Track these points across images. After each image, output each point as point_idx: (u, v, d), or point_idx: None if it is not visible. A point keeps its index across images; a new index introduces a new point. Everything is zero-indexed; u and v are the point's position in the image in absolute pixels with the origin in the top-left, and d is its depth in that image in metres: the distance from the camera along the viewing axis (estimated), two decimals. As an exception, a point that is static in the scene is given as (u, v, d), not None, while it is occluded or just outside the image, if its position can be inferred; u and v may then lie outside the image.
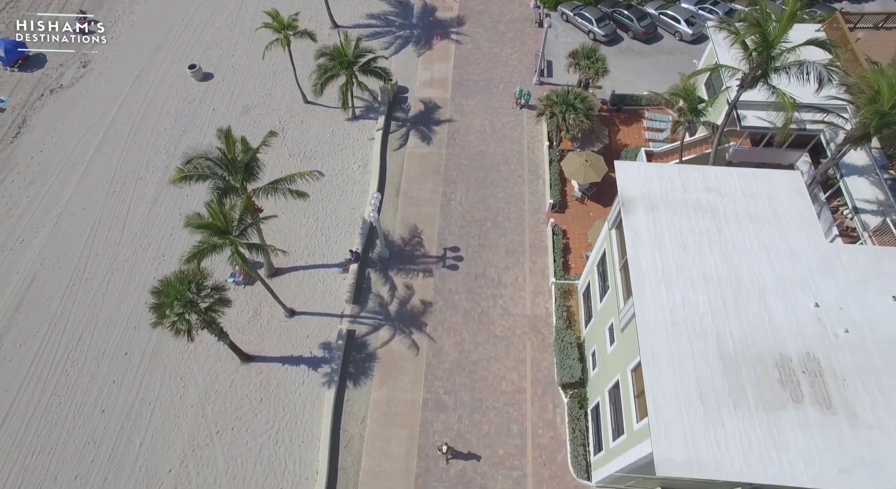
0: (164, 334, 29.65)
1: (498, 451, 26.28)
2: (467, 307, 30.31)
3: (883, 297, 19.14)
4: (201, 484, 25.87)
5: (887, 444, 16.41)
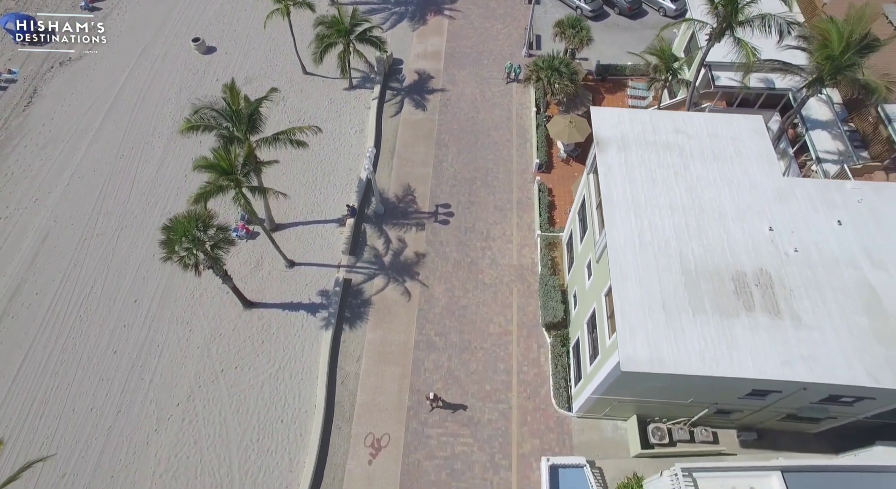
0: (172, 283, 31.80)
1: (485, 387, 28.11)
2: (457, 257, 32.13)
3: (830, 222, 21.02)
4: (207, 416, 27.67)
5: (823, 342, 18.29)
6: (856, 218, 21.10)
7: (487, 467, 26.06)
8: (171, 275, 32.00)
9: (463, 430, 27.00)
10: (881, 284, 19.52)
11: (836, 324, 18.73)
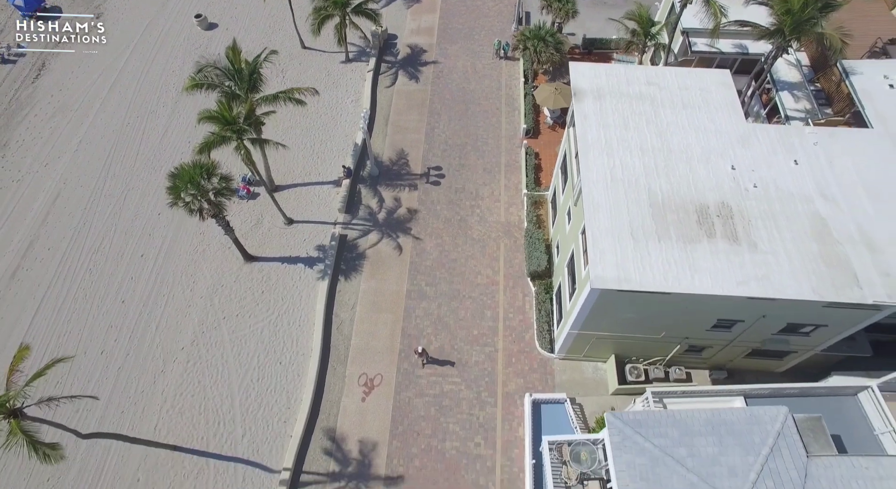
0: (176, 239, 33.54)
1: (473, 332, 29.81)
2: (448, 215, 33.83)
3: (787, 162, 22.74)
4: (210, 359, 29.36)
5: (776, 265, 20.03)
6: (811, 158, 22.81)
7: (474, 404, 27.76)
8: (176, 231, 33.77)
9: (451, 371, 28.70)
10: (831, 216, 21.25)
11: (788, 249, 20.44)
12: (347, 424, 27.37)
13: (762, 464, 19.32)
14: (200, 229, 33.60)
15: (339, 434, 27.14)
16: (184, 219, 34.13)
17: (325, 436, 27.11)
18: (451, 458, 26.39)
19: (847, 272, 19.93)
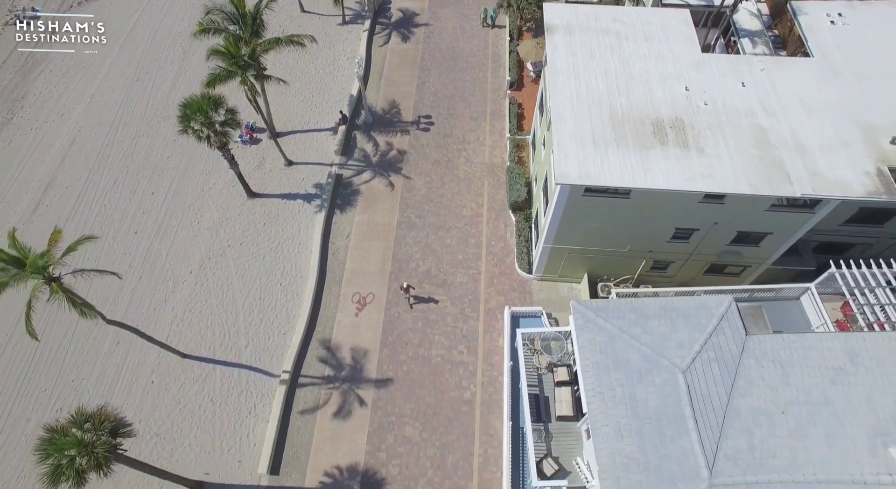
0: (184, 178, 36.21)
1: (458, 257, 32.42)
2: (436, 157, 36.44)
3: (736, 85, 25.35)
4: (216, 281, 31.95)
5: (719, 166, 22.65)
6: (757, 82, 25.41)
7: (458, 318, 30.37)
8: (184, 171, 36.40)
9: (438, 290, 31.29)
10: (770, 127, 23.84)
11: (731, 154, 23.04)
12: (341, 336, 29.96)
13: (706, 339, 21.87)
14: (206, 169, 36.25)
15: (333, 344, 29.73)
16: (191, 160, 36.95)
17: (321, 346, 29.70)
18: (436, 364, 28.99)
19: (781, 172, 22.52)
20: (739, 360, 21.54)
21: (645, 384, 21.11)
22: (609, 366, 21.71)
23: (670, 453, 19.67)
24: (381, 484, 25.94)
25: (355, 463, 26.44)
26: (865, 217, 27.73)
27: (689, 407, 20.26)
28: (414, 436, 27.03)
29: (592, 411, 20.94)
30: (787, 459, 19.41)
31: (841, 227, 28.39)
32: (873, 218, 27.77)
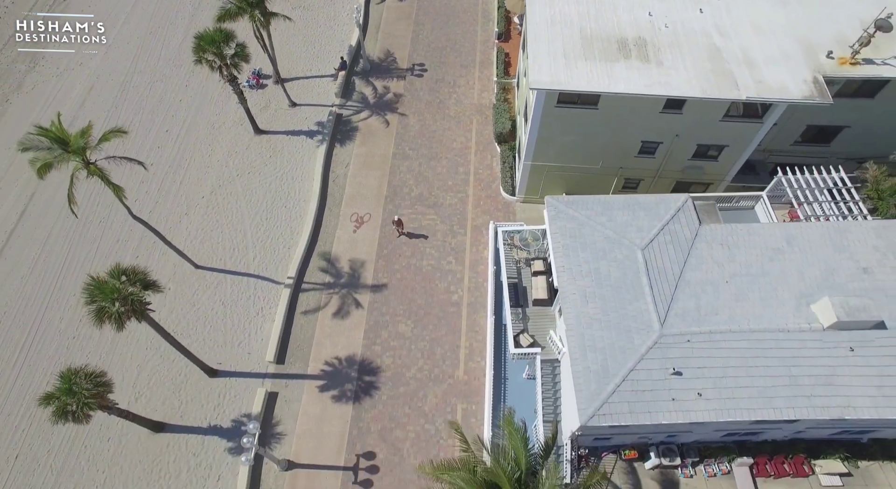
0: (196, 117, 39.00)
1: (447, 182, 35.36)
2: (429, 98, 39.41)
3: (694, 11, 28.32)
4: (225, 204, 34.89)
5: (676, 76, 25.62)
6: (714, 9, 28.35)
7: (447, 233, 33.31)
8: (196, 111, 39.34)
9: (429, 211, 34.23)
10: (723, 46, 26.78)
11: (687, 66, 25.99)
12: (340, 249, 32.88)
13: (663, 225, 24.83)
14: (217, 110, 39.20)
15: (333, 256, 32.66)
16: (202, 102, 39.93)
17: (322, 258, 32.62)
18: (427, 272, 31.91)
19: (730, 80, 25.47)
20: (692, 243, 24.49)
21: (608, 260, 24.07)
22: (577, 247, 24.67)
23: (628, 313, 22.61)
24: (376, 371, 28.83)
25: (353, 354, 29.34)
26: (813, 136, 30.80)
27: (645, 277, 23.21)
28: (406, 332, 29.94)
29: (562, 283, 23.90)
30: (727, 316, 22.38)
31: (792, 146, 31.43)
32: (821, 136, 30.82)
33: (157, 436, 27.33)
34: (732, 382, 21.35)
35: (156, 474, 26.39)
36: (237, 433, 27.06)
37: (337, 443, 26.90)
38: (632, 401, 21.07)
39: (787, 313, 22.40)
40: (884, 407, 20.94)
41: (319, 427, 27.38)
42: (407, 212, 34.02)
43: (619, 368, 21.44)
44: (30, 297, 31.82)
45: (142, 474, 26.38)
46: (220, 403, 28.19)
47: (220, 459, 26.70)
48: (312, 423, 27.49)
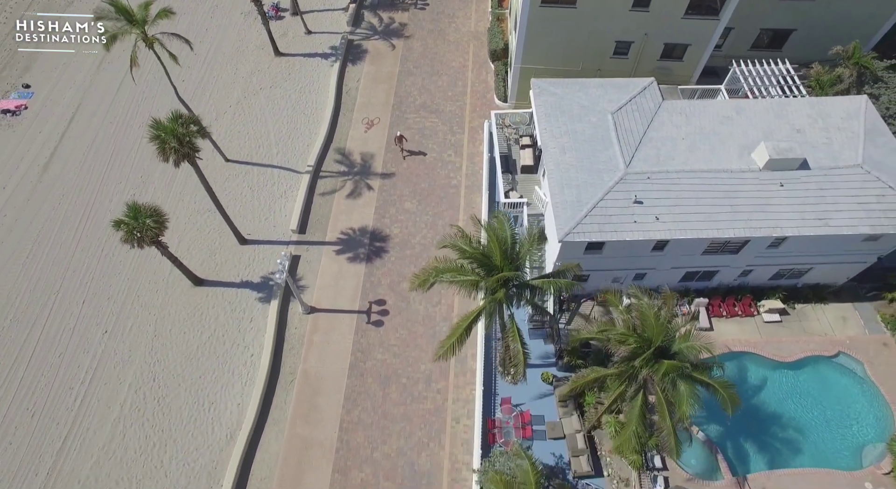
0: (220, 45, 43.30)
1: (448, 93, 39.86)
2: (431, 27, 43.94)
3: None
4: (250, 113, 39.29)
5: (643, -31, 30.07)
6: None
7: (447, 132, 37.79)
8: (221, 37, 43.67)
9: (431, 115, 38.71)
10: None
11: (653, -33, 30.48)
12: (353, 145, 37.32)
13: (631, 98, 29.28)
14: (240, 37, 43.62)
15: (346, 151, 37.11)
16: (227, 29, 44.24)
17: (337, 152, 37.06)
18: (429, 162, 36.36)
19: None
20: (655, 112, 28.97)
21: (583, 122, 28.56)
22: (557, 114, 29.15)
23: (598, 159, 27.09)
24: (385, 238, 33.23)
25: (365, 226, 33.74)
26: (767, 41, 35.35)
27: (614, 133, 27.70)
28: (412, 208, 34.37)
29: (544, 140, 28.38)
30: (681, 161, 26.89)
31: (749, 52, 35.97)
32: (773, 42, 35.38)
33: (197, 288, 31.65)
34: (684, 209, 25.83)
35: (198, 317, 30.70)
36: (265, 287, 31.43)
37: (352, 294, 31.26)
38: (601, 223, 25.51)
39: (731, 159, 26.91)
40: (803, 227, 25.51)
41: (337, 282, 31.74)
42: (412, 116, 38.48)
43: (590, 198, 25.89)
44: (99, 150, 37.54)
45: (186, 317, 30.69)
46: (249, 264, 32.53)
47: (251, 305, 31.02)
48: (330, 279, 31.84)
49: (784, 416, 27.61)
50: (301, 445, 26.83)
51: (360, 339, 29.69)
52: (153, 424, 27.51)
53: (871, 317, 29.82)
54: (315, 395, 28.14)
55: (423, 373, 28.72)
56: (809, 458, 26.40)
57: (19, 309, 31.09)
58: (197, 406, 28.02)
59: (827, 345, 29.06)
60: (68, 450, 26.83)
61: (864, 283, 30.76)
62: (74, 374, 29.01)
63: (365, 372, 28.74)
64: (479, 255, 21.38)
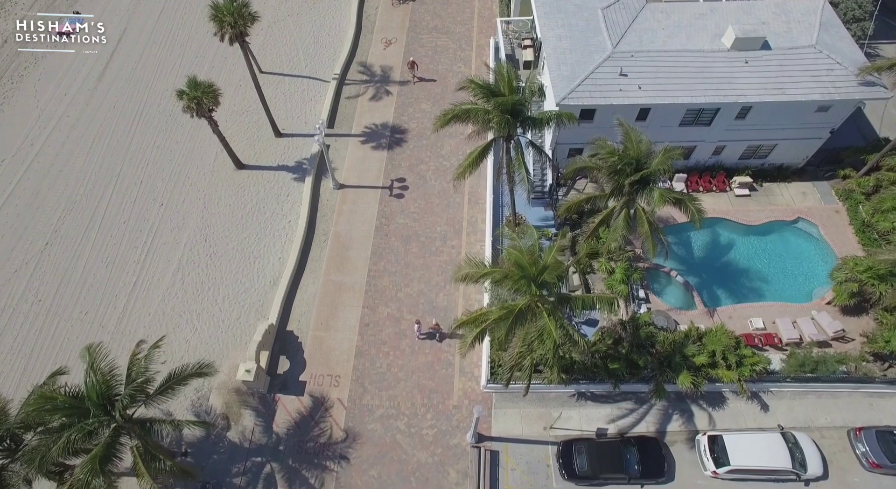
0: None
1: (457, 18, 44.58)
2: (438, -23, 48.59)
3: None
4: (279, 37, 43.80)
5: None
6: None
7: (457, 50, 42.46)
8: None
9: (442, 36, 43.36)
10: None
11: None
12: (373, 60, 41.94)
13: (618, 0, 33.81)
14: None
15: (368, 64, 41.72)
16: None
17: (359, 65, 41.69)
18: (442, 73, 40.93)
19: None
20: (640, 10, 33.42)
21: (577, 17, 33.10)
22: (554, 12, 33.70)
23: (590, 43, 31.65)
24: (404, 131, 37.80)
25: (386, 122, 38.30)
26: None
27: (603, 24, 32.24)
28: (427, 108, 38.92)
29: (543, 33, 32.91)
30: (660, 44, 31.38)
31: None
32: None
33: (240, 172, 36.18)
34: (663, 81, 30.38)
35: (241, 193, 35.21)
36: (300, 169, 35.97)
37: (375, 174, 35.78)
38: (592, 91, 30.04)
39: (704, 42, 31.47)
40: (764, 95, 30.01)
41: (362, 164, 36.28)
42: (425, 37, 43.04)
43: (582, 72, 30.42)
44: (147, 63, 41.71)
45: (231, 193, 35.20)
46: (285, 153, 37.08)
47: (288, 183, 35.55)
48: (356, 162, 36.38)
49: (750, 268, 32.16)
50: (334, 288, 31.31)
51: (383, 208, 34.21)
52: (207, 273, 32.01)
53: (827, 193, 34.34)
54: (346, 250, 32.64)
55: (440, 234, 33.21)
56: (769, 296, 30.96)
57: (87, 186, 35.64)
58: (244, 259, 32.51)
59: (788, 212, 33.59)
60: (138, 291, 31.31)
61: (822, 167, 35.33)
62: (137, 237, 33.49)
63: (389, 233, 33.25)
64: (489, 88, 25.72)
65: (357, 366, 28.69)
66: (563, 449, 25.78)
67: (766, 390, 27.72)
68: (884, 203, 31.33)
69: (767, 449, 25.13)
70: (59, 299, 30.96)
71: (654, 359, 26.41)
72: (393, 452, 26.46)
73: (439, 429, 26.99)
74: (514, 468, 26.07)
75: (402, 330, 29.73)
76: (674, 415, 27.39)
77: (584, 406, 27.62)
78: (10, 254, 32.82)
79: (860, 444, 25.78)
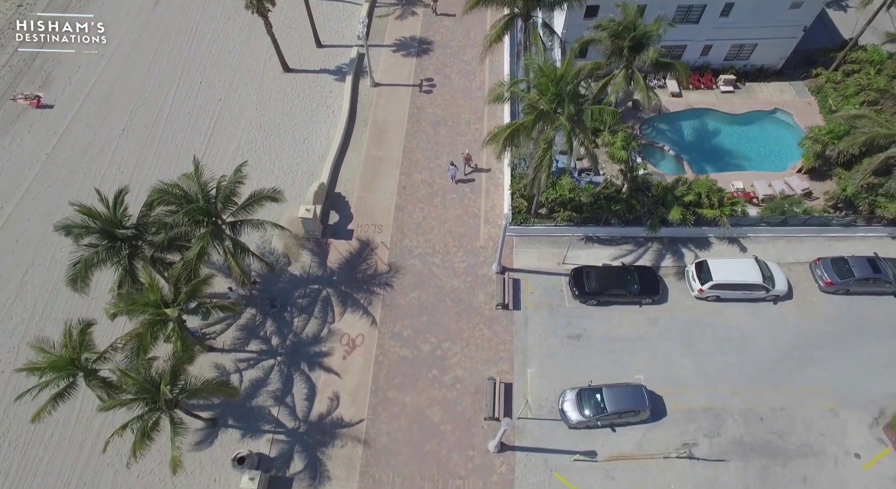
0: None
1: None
2: None
3: None
4: (317, -34, 48.85)
5: None
6: None
7: (475, -22, 47.41)
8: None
9: (462, -32, 48.36)
10: None
11: None
12: (401, -13, 47.05)
13: (620, -80, 38.90)
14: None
15: (396, -10, 46.85)
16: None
17: (389, -8, 46.80)
18: None
19: None
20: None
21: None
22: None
23: (595, -47, 36.65)
24: (430, 43, 42.85)
25: (414, 35, 43.40)
26: None
27: (606, -62, 37.22)
28: (450, 25, 44.01)
29: (555, -55, 37.91)
30: (656, -49, 36.43)
31: None
32: None
33: (287, 74, 41.19)
34: (657, -18, 35.49)
35: (289, 90, 40.25)
36: (340, 72, 41.04)
37: (406, 75, 40.84)
38: (597, -11, 35.10)
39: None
40: (746, -10, 35.18)
41: (395, 68, 41.35)
42: None
43: (589, -26, 35.48)
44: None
45: (280, 90, 40.25)
46: (326, 59, 42.15)
47: (330, 83, 40.61)
48: (390, 67, 41.45)
49: (734, 148, 37.28)
50: (375, 161, 36.33)
51: (415, 101, 39.27)
52: (264, 149, 37.01)
53: (801, 90, 39.48)
54: (383, 132, 37.68)
55: (464, 120, 38.27)
56: (749, 169, 36.05)
57: (154, 86, 40.64)
58: (294, 140, 37.55)
59: (767, 104, 38.74)
60: (203, 163, 36.25)
61: (798, 69, 40.47)
62: (200, 125, 38.48)
63: (420, 119, 38.29)
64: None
65: (397, 217, 33.71)
66: (574, 273, 30.80)
67: (744, 235, 32.80)
68: (847, 89, 36.48)
69: (743, 269, 30.19)
70: (137, 172, 35.90)
71: (650, 200, 31.46)
72: (430, 280, 31.46)
73: (468, 263, 32.01)
74: (533, 291, 31.09)
75: (434, 191, 34.77)
76: (666, 254, 32.45)
77: (592, 247, 32.67)
78: (94, 136, 37.83)
79: (818, 270, 30.91)
